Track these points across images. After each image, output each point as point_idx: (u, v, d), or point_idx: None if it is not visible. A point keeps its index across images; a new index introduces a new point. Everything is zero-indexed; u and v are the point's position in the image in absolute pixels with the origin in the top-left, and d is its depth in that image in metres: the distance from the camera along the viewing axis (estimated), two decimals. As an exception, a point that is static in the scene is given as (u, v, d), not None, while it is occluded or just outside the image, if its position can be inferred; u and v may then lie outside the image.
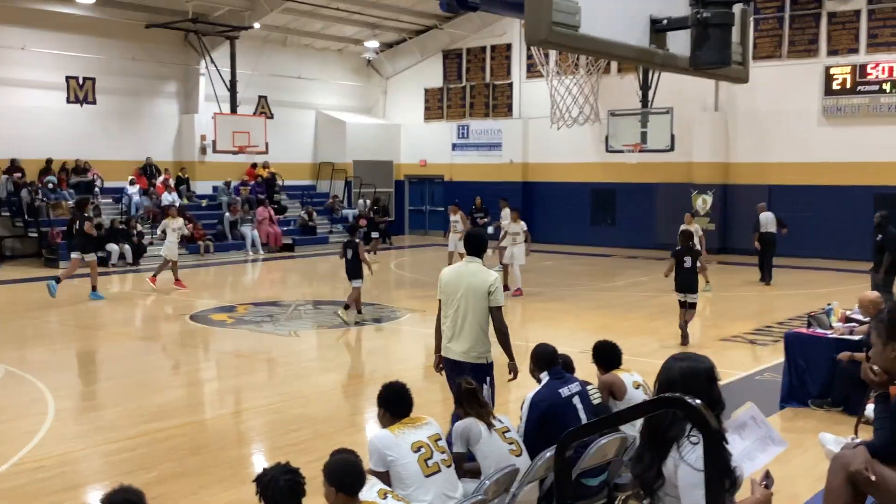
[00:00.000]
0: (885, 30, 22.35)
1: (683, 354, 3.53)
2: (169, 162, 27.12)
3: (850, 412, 8.19)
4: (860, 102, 22.56)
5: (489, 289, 6.64)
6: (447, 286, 6.82)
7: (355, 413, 9.20)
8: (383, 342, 13.42)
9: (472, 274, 6.71)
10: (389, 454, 4.61)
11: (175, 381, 10.84)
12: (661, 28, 3.91)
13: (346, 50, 31.64)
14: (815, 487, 6.19)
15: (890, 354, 4.04)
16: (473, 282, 6.67)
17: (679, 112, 22.47)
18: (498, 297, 6.68)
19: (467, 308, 6.66)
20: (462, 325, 6.70)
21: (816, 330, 9.15)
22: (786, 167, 23.81)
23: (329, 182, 30.71)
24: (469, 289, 6.68)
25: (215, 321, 14.45)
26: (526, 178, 28.94)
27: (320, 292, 18.47)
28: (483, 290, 6.64)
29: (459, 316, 6.70)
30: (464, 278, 6.73)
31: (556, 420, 5.39)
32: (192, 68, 27.15)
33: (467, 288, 6.68)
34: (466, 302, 6.67)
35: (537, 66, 19.48)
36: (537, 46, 6.50)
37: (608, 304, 16.33)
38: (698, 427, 2.66)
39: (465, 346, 6.73)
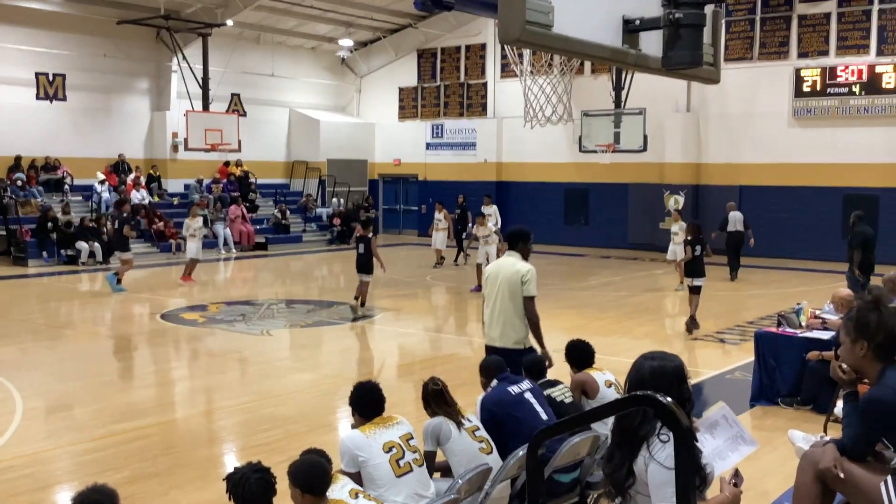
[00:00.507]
0: (854, 33, 22.62)
1: (654, 353, 3.54)
2: (140, 160, 26.89)
3: (820, 410, 8.29)
4: (830, 104, 22.82)
5: (522, 279, 7.03)
6: (489, 279, 7.25)
7: (328, 413, 9.16)
8: (357, 341, 13.39)
9: (509, 266, 7.13)
10: (361, 455, 4.60)
11: (146, 380, 10.74)
12: (633, 28, 3.93)
13: (320, 48, 31.53)
14: (784, 485, 6.26)
15: (858, 353, 4.08)
16: (509, 272, 7.08)
17: (651, 113, 22.63)
18: (530, 287, 7.05)
19: (504, 297, 7.06)
20: (499, 314, 7.10)
21: (786, 329, 9.25)
22: (756, 168, 24.04)
23: (303, 181, 30.58)
24: (504, 279, 7.08)
25: (187, 320, 14.34)
26: (500, 177, 28.99)
27: (293, 291, 18.39)
28: (517, 280, 7.03)
29: (497, 306, 7.10)
30: (502, 270, 7.17)
31: (510, 417, 5.44)
32: (164, 65, 26.93)
33: (503, 279, 7.09)
34: (503, 292, 7.07)
35: (511, 66, 19.52)
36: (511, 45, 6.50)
37: (581, 303, 16.40)
38: (669, 425, 2.67)
39: (500, 331, 7.10)
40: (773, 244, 23.21)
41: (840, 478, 4.06)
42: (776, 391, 8.97)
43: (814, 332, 8.96)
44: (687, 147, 24.98)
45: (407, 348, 13.02)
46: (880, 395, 3.97)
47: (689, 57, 3.85)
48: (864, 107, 22.34)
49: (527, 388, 5.68)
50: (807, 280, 19.28)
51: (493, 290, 7.17)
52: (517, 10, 3.36)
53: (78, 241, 21.68)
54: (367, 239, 14.68)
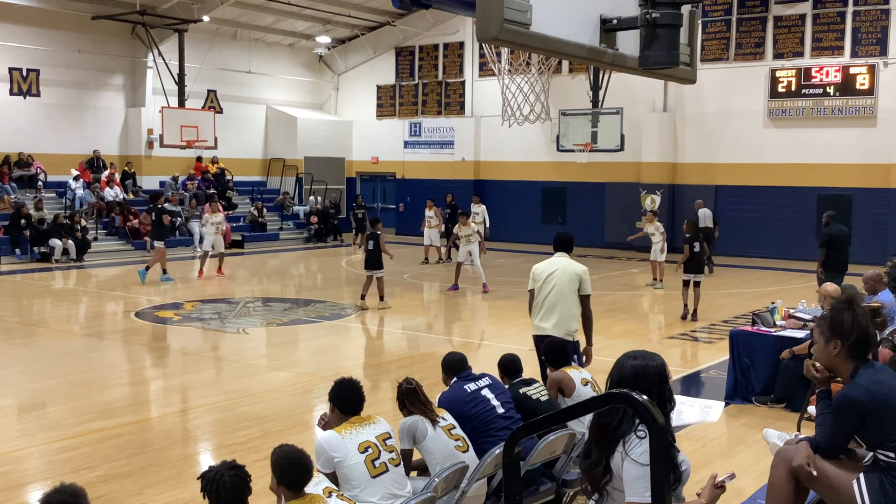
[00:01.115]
0: (829, 34, 22.84)
1: (636, 352, 3.56)
2: (115, 156, 26.66)
3: (793, 408, 8.37)
4: (804, 105, 23.02)
5: (580, 278, 7.68)
6: (539, 275, 7.79)
7: (304, 411, 9.13)
8: (333, 339, 13.35)
9: (566, 264, 7.77)
10: (336, 455, 4.58)
11: (120, 379, 10.65)
12: (611, 28, 3.94)
13: (298, 45, 31.40)
14: (759, 482, 6.31)
15: (832, 352, 4.12)
16: (567, 270, 7.70)
17: (628, 112, 22.74)
18: (587, 286, 7.74)
19: (562, 292, 7.65)
20: (554, 306, 7.68)
21: (761, 328, 9.32)
22: (732, 168, 24.22)
23: (280, 178, 30.46)
24: (562, 276, 7.66)
25: (162, 318, 14.24)
26: (478, 176, 29.02)
27: (270, 289, 18.31)
28: (575, 278, 7.66)
29: (551, 299, 7.67)
30: (558, 268, 7.73)
31: (466, 413, 5.46)
32: (140, 61, 26.73)
33: (560, 276, 7.67)
34: (559, 288, 7.65)
35: (489, 65, 19.54)
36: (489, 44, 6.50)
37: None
38: (645, 423, 2.69)
39: (555, 321, 7.66)
40: (748, 244, 23.41)
41: (813, 475, 4.10)
42: (751, 389, 9.04)
43: (788, 331, 9.04)
44: (663, 147, 25.12)
45: (383, 347, 13.01)
46: (853, 394, 4.01)
47: (665, 57, 3.86)
48: (839, 108, 22.56)
49: (485, 384, 5.69)
50: (781, 279, 19.45)
51: (546, 286, 7.69)
52: (495, 8, 3.35)
53: (51, 238, 21.46)
54: (376, 235, 15.12)
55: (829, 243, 14.04)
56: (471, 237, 17.69)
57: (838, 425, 4.10)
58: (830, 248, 14.02)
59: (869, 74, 22.07)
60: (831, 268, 14.07)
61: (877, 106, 22.05)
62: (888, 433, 3.98)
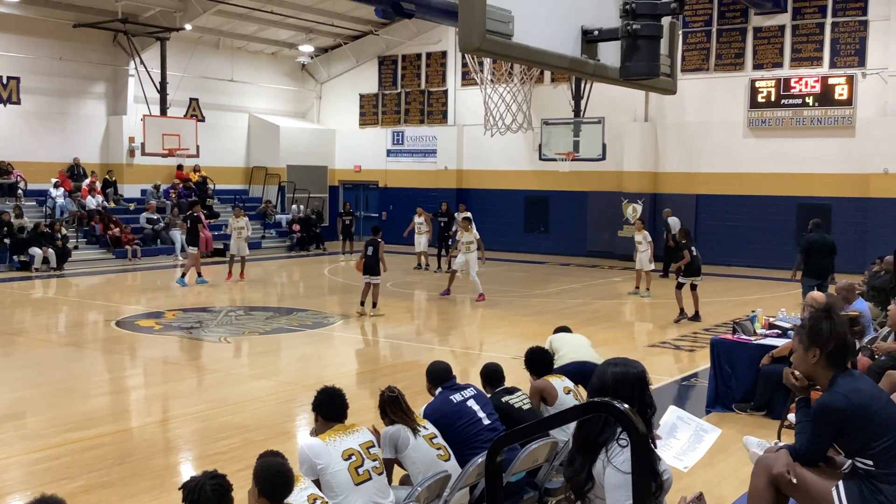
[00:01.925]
0: (808, 45, 23.06)
1: (617, 360, 3.59)
2: (96, 164, 26.52)
3: (773, 416, 8.42)
4: (784, 115, 23.23)
5: None
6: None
7: (286, 420, 9.10)
8: (316, 348, 13.31)
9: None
10: (319, 462, 4.59)
11: (101, 388, 10.58)
12: (592, 39, 3.97)
13: (280, 54, 31.38)
14: (740, 489, 6.34)
15: (811, 360, 4.16)
16: None
17: (610, 122, 22.85)
18: None
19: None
20: None
21: (741, 336, 9.38)
22: (713, 177, 24.38)
23: (262, 187, 30.38)
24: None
25: (142, 327, 14.16)
26: (460, 184, 29.06)
27: (252, 298, 18.24)
28: None
29: None
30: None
31: (453, 425, 5.47)
32: (121, 69, 26.61)
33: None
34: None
35: (472, 74, 19.59)
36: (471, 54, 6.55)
37: (540, 310, 16.48)
38: (626, 431, 2.71)
39: None
40: (728, 252, 23.55)
41: (793, 483, 4.14)
42: (732, 397, 9.09)
43: (768, 339, 9.11)
44: (645, 156, 25.25)
45: (366, 355, 12.99)
46: (832, 402, 4.05)
47: (646, 68, 3.90)
48: (818, 118, 22.77)
49: (470, 395, 5.70)
50: (762, 288, 19.57)
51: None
52: (478, 19, 3.38)
53: (31, 246, 21.29)
54: (377, 242, 15.38)
55: (808, 249, 14.27)
56: (471, 245, 17.57)
57: (817, 433, 4.14)
58: (810, 254, 14.25)
59: (847, 85, 22.30)
60: (809, 273, 14.32)
61: (855, 116, 22.28)
62: (867, 441, 4.02)
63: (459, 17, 3.44)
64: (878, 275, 13.25)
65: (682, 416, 4.04)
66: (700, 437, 3.94)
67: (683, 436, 3.96)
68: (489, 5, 3.40)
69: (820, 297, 8.91)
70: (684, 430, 4.00)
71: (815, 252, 14.39)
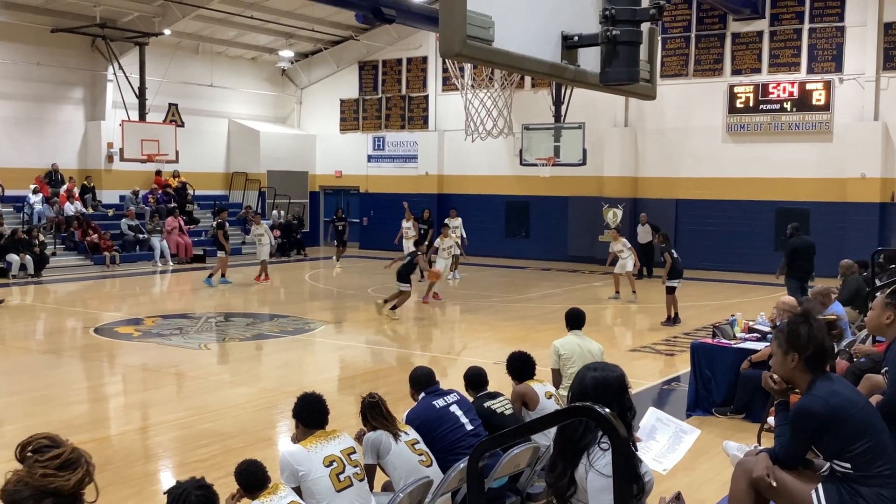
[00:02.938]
0: (785, 51, 23.27)
1: (596, 364, 3.61)
2: (74, 170, 26.30)
3: (753, 419, 8.47)
4: (762, 120, 23.41)
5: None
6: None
7: (267, 427, 9.06)
8: (297, 354, 13.26)
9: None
10: (300, 469, 4.57)
11: (79, 396, 10.48)
12: (572, 44, 3.98)
13: (260, 59, 31.29)
14: (720, 493, 6.37)
15: (790, 364, 4.19)
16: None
17: (590, 127, 22.95)
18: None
19: None
20: None
21: (721, 340, 9.43)
22: (692, 182, 24.51)
23: (242, 192, 30.25)
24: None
25: (121, 334, 14.06)
26: (441, 190, 29.07)
27: (232, 304, 18.16)
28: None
29: None
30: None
31: (435, 431, 5.48)
32: (100, 74, 26.44)
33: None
34: None
35: (453, 80, 19.62)
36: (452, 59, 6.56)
37: (522, 315, 16.50)
38: (607, 435, 2.71)
39: None
40: (708, 256, 23.67)
41: (772, 486, 4.16)
42: (712, 401, 9.13)
43: (747, 343, 9.16)
44: (625, 161, 25.37)
45: (348, 361, 12.96)
46: (810, 405, 4.07)
47: (625, 74, 3.91)
48: (795, 123, 22.96)
49: (453, 400, 5.70)
50: (741, 292, 19.69)
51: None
52: (458, 24, 3.38)
53: (9, 253, 21.10)
54: (415, 254, 15.98)
55: (794, 254, 14.74)
56: (450, 249, 17.91)
57: (796, 436, 4.16)
58: (795, 258, 14.57)
59: (825, 90, 22.51)
60: (794, 276, 14.62)
61: (833, 121, 22.49)
62: (845, 444, 4.05)
63: (440, 23, 3.43)
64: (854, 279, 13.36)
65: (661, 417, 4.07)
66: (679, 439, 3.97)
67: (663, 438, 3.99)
68: (469, 11, 3.40)
69: (791, 301, 8.99)
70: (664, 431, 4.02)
71: (799, 255, 14.77)
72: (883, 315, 5.37)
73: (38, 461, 2.26)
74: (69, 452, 2.29)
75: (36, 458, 2.26)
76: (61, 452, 2.28)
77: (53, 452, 2.28)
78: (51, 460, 2.23)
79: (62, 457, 2.27)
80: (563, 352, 7.75)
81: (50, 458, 2.23)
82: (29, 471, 2.26)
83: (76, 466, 2.27)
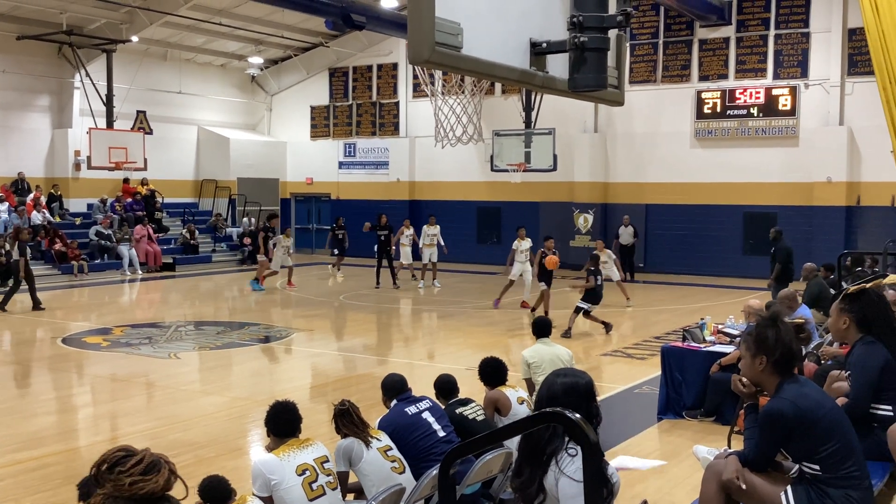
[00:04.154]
0: (752, 57, 23.53)
1: (565, 370, 3.63)
2: (41, 178, 25.99)
3: (723, 422, 8.53)
4: (729, 126, 23.65)
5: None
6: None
7: (238, 436, 8.99)
8: (268, 362, 13.18)
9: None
10: (273, 478, 4.54)
11: (46, 407, 10.34)
12: (540, 51, 4.00)
13: (230, 65, 31.13)
14: (692, 496, 6.40)
15: (758, 367, 4.23)
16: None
17: (560, 133, 23.05)
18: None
19: None
20: None
21: (691, 343, 9.50)
22: (661, 187, 24.71)
23: (212, 200, 30.05)
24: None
25: (89, 344, 13.89)
26: (413, 196, 29.06)
27: (202, 312, 18.01)
28: None
29: None
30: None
31: (407, 438, 5.48)
32: (67, 81, 26.16)
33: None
34: None
35: (423, 86, 19.64)
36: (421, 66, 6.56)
37: (493, 321, 16.52)
38: (577, 440, 2.72)
39: None
40: (677, 261, 23.87)
41: (742, 488, 4.19)
42: (683, 404, 9.19)
43: (717, 346, 9.24)
44: (595, 166, 25.51)
45: (320, 369, 12.90)
46: (779, 408, 4.11)
47: (593, 80, 3.94)
48: (762, 128, 23.23)
49: (426, 407, 5.70)
50: (710, 295, 19.85)
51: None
52: (426, 31, 3.38)
53: (-26, 263, 20.78)
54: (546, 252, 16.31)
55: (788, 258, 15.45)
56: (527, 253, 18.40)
57: (765, 439, 4.20)
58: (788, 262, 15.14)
59: (791, 96, 22.79)
60: (784, 279, 15.01)
61: (799, 126, 22.77)
62: (813, 446, 4.09)
63: (408, 30, 3.44)
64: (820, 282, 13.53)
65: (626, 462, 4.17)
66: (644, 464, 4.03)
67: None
68: (438, 17, 3.40)
69: (758, 304, 9.10)
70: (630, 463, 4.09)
71: (790, 258, 15.50)
72: (840, 320, 5.46)
73: (122, 472, 2.24)
74: (149, 456, 2.29)
75: (119, 470, 2.25)
76: (141, 458, 2.27)
77: (134, 460, 2.27)
78: (134, 467, 2.23)
79: (144, 461, 2.27)
80: (531, 360, 7.81)
81: (133, 466, 2.23)
82: (115, 484, 2.23)
83: (159, 467, 2.27)
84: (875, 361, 5.26)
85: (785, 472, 4.33)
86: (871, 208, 21.87)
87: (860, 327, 5.39)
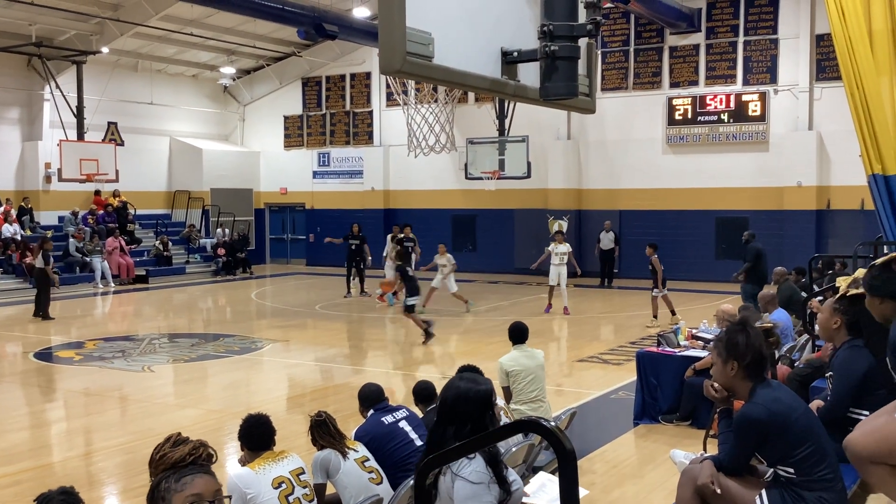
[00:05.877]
0: (721, 63, 23.77)
1: (467, 375, 3.64)
2: (11, 191, 25.69)
3: (699, 426, 8.59)
4: (700, 132, 23.86)
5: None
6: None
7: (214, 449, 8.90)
8: (244, 374, 13.10)
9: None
10: (249, 492, 4.51)
11: (19, 423, 10.21)
12: (512, 60, 4.01)
13: (202, 76, 30.97)
14: (668, 500, 6.43)
15: (729, 372, 4.26)
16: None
17: (534, 140, 23.13)
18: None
19: None
20: None
21: (665, 348, 9.56)
22: (634, 193, 24.86)
23: (185, 211, 29.84)
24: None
25: (62, 358, 13.74)
26: (387, 205, 29.04)
27: (176, 324, 17.88)
28: None
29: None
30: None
31: (384, 448, 5.48)
32: (36, 93, 25.91)
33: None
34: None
35: (395, 96, 19.63)
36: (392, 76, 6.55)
37: (469, 328, 16.53)
38: (553, 447, 2.72)
39: None
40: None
41: (717, 493, 4.22)
42: (658, 409, 9.24)
43: (691, 351, 9.31)
44: (568, 173, 25.62)
45: (296, 380, 12.84)
46: (752, 412, 4.14)
47: (564, 88, 3.95)
48: (733, 133, 23.45)
49: (402, 416, 5.70)
50: (684, 300, 19.96)
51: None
52: (397, 41, 3.38)
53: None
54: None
55: (758, 259, 15.70)
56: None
57: (739, 444, 4.23)
58: (758, 263, 15.59)
59: (760, 101, 23.04)
60: (752, 281, 15.18)
61: (768, 131, 23.01)
62: (787, 449, 4.12)
63: (379, 40, 3.43)
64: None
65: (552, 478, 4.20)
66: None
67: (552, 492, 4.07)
68: (409, 27, 3.40)
69: (730, 309, 9.17)
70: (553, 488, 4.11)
71: (761, 260, 15.72)
72: (831, 320, 5.49)
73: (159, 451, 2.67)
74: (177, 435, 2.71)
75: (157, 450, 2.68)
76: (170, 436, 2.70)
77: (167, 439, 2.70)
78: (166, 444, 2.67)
79: (172, 438, 2.68)
80: (509, 368, 7.81)
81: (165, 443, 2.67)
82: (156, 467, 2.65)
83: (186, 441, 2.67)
84: (859, 366, 5.28)
85: (759, 476, 4.36)
86: (841, 212, 22.12)
87: (850, 330, 5.41)
